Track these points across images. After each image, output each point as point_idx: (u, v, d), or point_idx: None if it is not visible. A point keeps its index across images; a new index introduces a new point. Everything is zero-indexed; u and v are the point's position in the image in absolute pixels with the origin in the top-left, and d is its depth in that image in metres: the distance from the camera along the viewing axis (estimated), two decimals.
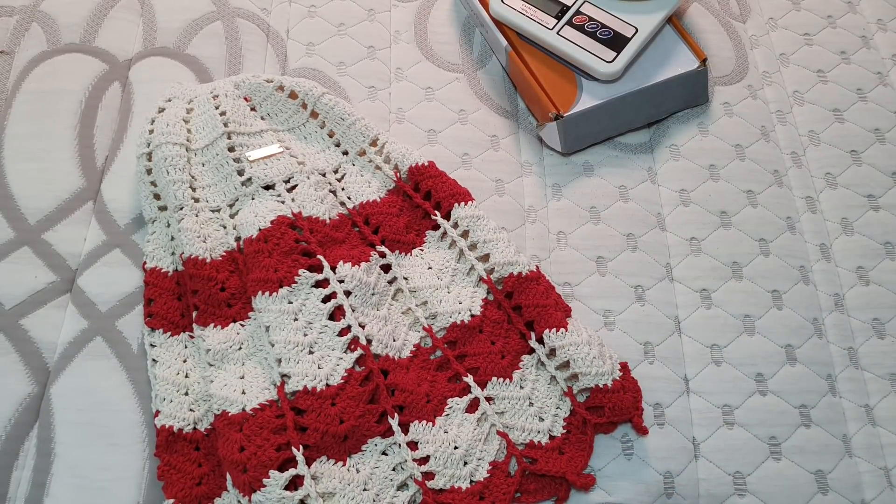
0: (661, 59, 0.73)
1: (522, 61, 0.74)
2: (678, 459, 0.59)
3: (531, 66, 0.73)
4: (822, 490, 0.59)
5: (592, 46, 0.71)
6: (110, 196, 0.69)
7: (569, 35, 0.72)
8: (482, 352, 0.61)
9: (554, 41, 0.72)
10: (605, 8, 0.74)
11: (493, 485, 0.57)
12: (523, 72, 0.73)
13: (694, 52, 0.73)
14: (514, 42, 0.75)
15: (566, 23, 0.73)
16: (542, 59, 0.73)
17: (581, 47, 0.71)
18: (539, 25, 0.73)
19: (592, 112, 0.70)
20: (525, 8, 0.74)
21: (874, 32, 0.83)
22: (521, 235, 0.69)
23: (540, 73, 0.72)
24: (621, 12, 0.73)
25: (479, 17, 0.78)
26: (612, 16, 0.73)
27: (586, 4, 0.74)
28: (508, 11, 0.74)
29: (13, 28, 0.78)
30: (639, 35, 0.72)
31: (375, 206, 0.67)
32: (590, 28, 0.72)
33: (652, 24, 0.72)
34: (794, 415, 0.61)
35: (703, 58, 0.73)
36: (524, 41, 0.74)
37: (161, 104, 0.69)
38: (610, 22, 0.73)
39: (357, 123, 0.70)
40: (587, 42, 0.71)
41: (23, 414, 0.59)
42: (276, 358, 0.59)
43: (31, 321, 0.63)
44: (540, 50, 0.74)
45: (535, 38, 0.73)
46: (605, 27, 0.72)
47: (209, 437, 0.58)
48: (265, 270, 0.61)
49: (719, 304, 0.66)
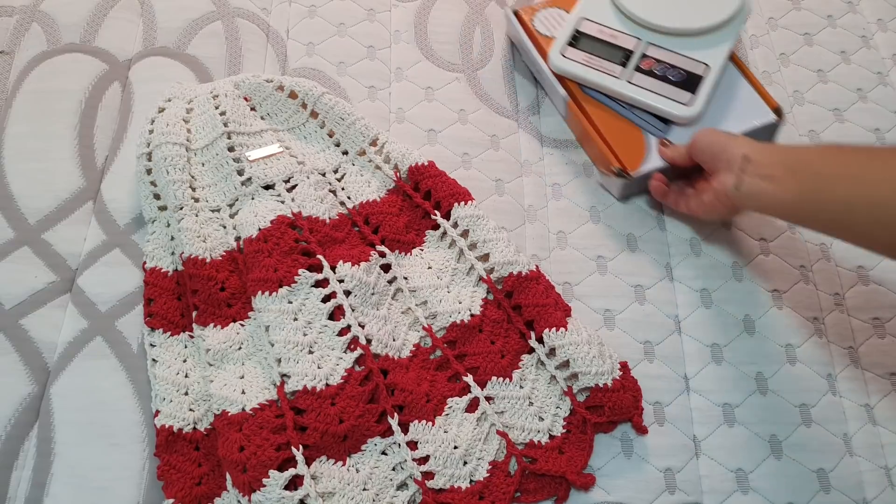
0: (731, 108, 0.69)
1: (584, 114, 0.70)
2: (679, 457, 0.59)
3: (594, 120, 0.69)
4: (824, 489, 0.58)
5: (666, 90, 0.68)
6: (110, 196, 0.69)
7: (640, 81, 0.68)
8: (482, 351, 0.61)
9: (625, 90, 0.68)
10: (669, 47, 0.70)
11: (492, 484, 0.57)
12: (584, 124, 0.70)
13: (765, 101, 0.69)
14: (574, 94, 0.71)
15: (634, 69, 0.69)
16: (604, 111, 0.70)
17: (655, 93, 0.68)
18: (606, 76, 0.69)
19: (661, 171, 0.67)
20: (588, 59, 0.70)
21: (874, 32, 0.83)
22: (521, 235, 0.69)
23: (605, 127, 0.69)
24: (686, 49, 0.69)
25: (534, 64, 0.75)
26: (678, 55, 0.69)
27: (650, 47, 0.70)
28: (570, 65, 0.70)
29: (13, 28, 0.78)
30: (711, 71, 0.68)
31: (375, 206, 0.67)
32: (659, 71, 0.68)
33: (721, 57, 0.69)
34: (795, 413, 0.61)
35: (775, 107, 0.69)
36: (584, 92, 0.71)
37: (161, 104, 0.69)
38: (678, 62, 0.69)
39: (357, 123, 0.70)
40: (660, 86, 0.68)
41: (23, 414, 0.59)
42: (276, 358, 0.59)
43: (31, 321, 0.63)
44: (600, 101, 0.70)
45: (605, 89, 0.69)
46: (674, 68, 0.68)
47: (209, 437, 0.58)
48: (265, 270, 0.61)
49: (719, 304, 0.66)
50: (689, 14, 0.70)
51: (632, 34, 0.71)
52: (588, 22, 0.72)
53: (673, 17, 0.70)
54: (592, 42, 0.71)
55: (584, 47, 0.71)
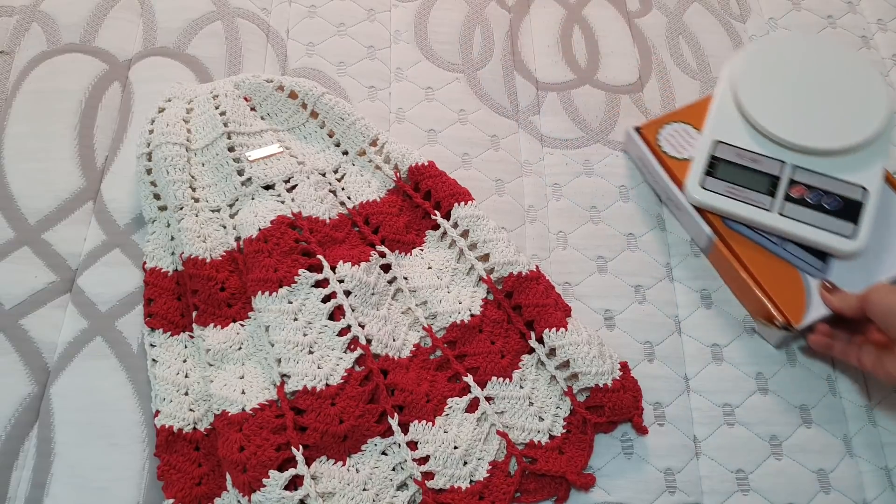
0: (893, 235, 0.62)
1: (736, 257, 0.63)
2: (679, 457, 0.59)
3: (747, 264, 0.62)
4: (824, 489, 0.58)
5: (824, 221, 0.61)
6: (110, 196, 0.69)
7: (793, 213, 0.61)
8: (482, 351, 0.61)
9: (779, 224, 0.61)
10: (817, 170, 0.63)
11: (492, 484, 0.57)
12: (736, 266, 0.63)
13: None
14: (718, 229, 0.64)
15: (784, 198, 0.62)
16: (755, 250, 0.63)
17: (812, 225, 0.61)
18: (755, 208, 0.62)
19: (826, 320, 0.60)
20: (730, 189, 0.63)
21: (874, 32, 0.83)
22: (521, 235, 0.69)
23: (759, 270, 0.62)
24: (837, 171, 0.62)
25: (664, 190, 0.68)
26: (830, 178, 0.62)
27: (796, 170, 0.63)
28: (712, 198, 0.63)
29: (13, 28, 0.78)
30: (870, 195, 0.61)
31: (375, 206, 0.67)
32: (813, 199, 0.61)
33: (877, 177, 0.62)
34: (795, 414, 0.61)
35: None
36: (727, 224, 0.64)
37: (161, 104, 0.69)
38: (832, 186, 0.62)
39: (357, 123, 0.70)
40: (816, 217, 0.61)
41: (23, 414, 0.59)
42: (276, 358, 0.59)
43: (31, 321, 0.63)
44: (746, 235, 0.64)
45: (755, 223, 0.63)
46: (829, 194, 0.61)
47: (209, 437, 0.58)
48: (265, 270, 0.61)
49: (719, 304, 0.66)
50: (834, 130, 0.63)
51: (774, 157, 0.64)
52: (723, 145, 0.65)
53: (817, 136, 0.63)
54: (732, 169, 0.64)
55: (723, 175, 0.64)
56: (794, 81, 0.66)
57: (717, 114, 0.67)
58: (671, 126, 0.69)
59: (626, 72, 0.79)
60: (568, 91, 0.78)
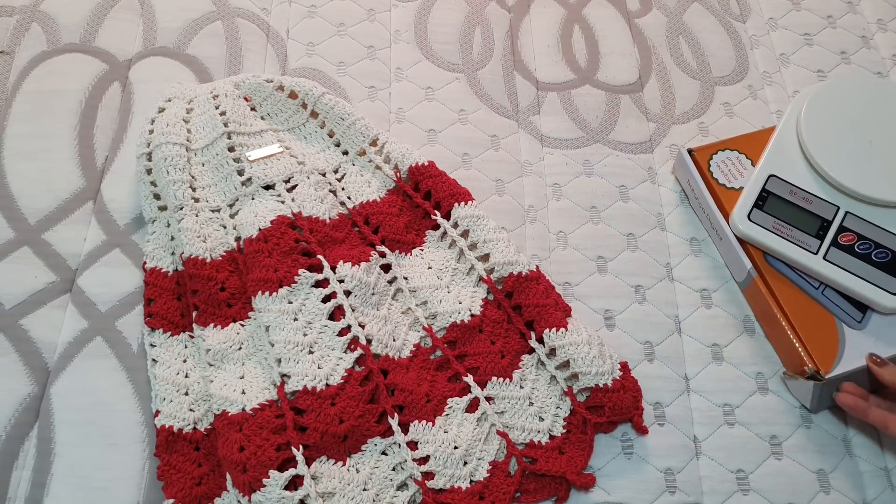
0: None
1: (772, 295, 0.61)
2: (679, 457, 0.59)
3: (782, 302, 0.61)
4: (824, 489, 0.58)
5: (870, 273, 0.59)
6: (110, 196, 0.69)
7: (838, 259, 0.60)
8: (482, 351, 0.61)
9: (821, 268, 0.60)
10: (872, 220, 0.61)
11: (492, 484, 0.57)
12: (771, 304, 0.61)
13: None
14: (757, 263, 0.63)
15: (831, 243, 0.60)
16: (792, 290, 0.61)
17: (856, 275, 0.59)
18: (799, 248, 0.60)
19: (857, 373, 0.58)
20: (777, 226, 0.61)
21: (874, 32, 0.83)
22: (521, 235, 0.69)
23: (794, 313, 0.60)
24: (892, 224, 0.60)
25: (709, 216, 0.67)
26: (883, 230, 0.60)
27: (849, 217, 0.61)
28: (757, 231, 0.62)
29: (13, 28, 0.78)
30: None
31: (375, 206, 0.67)
32: (862, 249, 0.60)
33: None
34: (795, 414, 0.61)
35: None
36: (767, 261, 0.63)
37: (161, 104, 0.69)
38: (884, 239, 0.60)
39: (357, 123, 0.70)
40: (861, 268, 0.59)
41: (23, 414, 0.59)
42: (276, 358, 0.59)
43: (31, 321, 0.63)
44: (786, 274, 0.62)
45: (796, 263, 0.61)
46: (880, 247, 0.60)
47: (209, 437, 0.58)
48: (265, 270, 0.61)
49: (719, 304, 0.66)
50: (894, 182, 0.61)
51: (829, 200, 0.62)
52: (777, 180, 0.63)
53: (877, 185, 0.61)
54: (783, 205, 0.62)
55: (772, 210, 0.62)
56: (861, 126, 0.64)
57: (777, 147, 0.65)
58: (724, 153, 0.68)
59: (626, 72, 0.79)
60: (568, 91, 0.78)
